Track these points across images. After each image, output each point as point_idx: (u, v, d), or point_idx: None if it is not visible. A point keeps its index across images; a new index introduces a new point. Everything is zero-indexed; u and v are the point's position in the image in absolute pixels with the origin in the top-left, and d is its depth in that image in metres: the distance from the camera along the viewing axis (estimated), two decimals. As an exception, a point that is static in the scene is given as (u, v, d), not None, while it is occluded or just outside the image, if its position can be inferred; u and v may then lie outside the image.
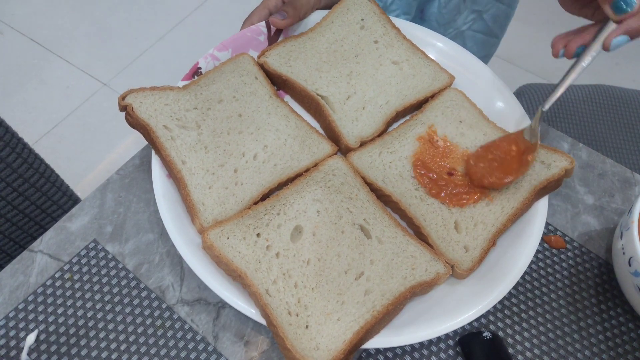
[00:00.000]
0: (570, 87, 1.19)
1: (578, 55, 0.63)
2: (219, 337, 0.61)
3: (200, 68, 0.73)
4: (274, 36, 0.78)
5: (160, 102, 0.67)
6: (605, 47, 0.60)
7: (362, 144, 0.71)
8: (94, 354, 0.60)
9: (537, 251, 0.68)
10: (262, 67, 0.74)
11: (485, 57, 1.15)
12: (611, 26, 0.60)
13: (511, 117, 0.74)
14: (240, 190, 0.65)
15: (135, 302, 0.63)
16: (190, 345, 0.60)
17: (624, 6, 0.57)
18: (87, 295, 0.63)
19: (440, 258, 0.62)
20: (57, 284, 0.64)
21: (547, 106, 0.65)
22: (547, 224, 0.71)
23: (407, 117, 0.75)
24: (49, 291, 0.63)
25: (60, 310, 0.62)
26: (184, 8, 2.30)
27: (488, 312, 0.64)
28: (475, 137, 0.71)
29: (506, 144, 0.68)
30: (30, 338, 0.60)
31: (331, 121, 0.71)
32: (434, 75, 0.77)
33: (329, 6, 0.82)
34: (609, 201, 0.73)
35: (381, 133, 0.72)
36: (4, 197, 0.85)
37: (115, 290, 0.63)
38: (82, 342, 0.60)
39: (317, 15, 0.80)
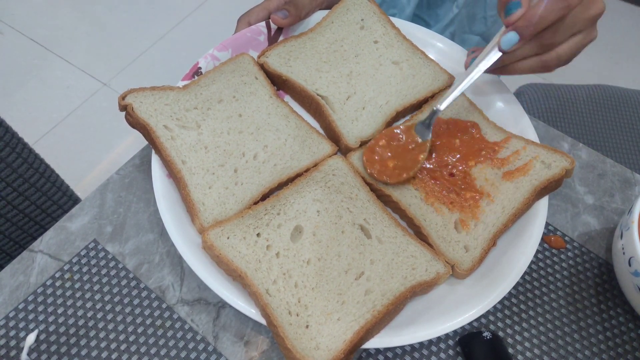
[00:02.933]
0: (570, 87, 1.19)
1: (471, 65, 0.67)
2: (219, 337, 0.61)
3: (200, 68, 0.73)
4: (274, 36, 0.78)
5: (161, 102, 0.67)
6: (499, 48, 0.63)
7: (362, 144, 0.71)
8: (94, 354, 0.60)
9: (537, 251, 0.68)
10: (262, 67, 0.74)
11: None
12: (503, 30, 0.63)
13: (511, 117, 0.74)
14: (240, 190, 0.65)
15: (135, 302, 0.63)
16: (190, 345, 0.60)
17: (513, 9, 0.61)
18: (87, 295, 0.63)
19: (441, 258, 0.62)
20: (57, 284, 0.64)
21: (442, 106, 0.67)
22: (547, 224, 0.71)
23: (407, 117, 0.75)
24: (49, 291, 0.63)
25: (60, 310, 0.62)
26: (184, 8, 2.30)
27: (488, 312, 0.64)
28: (475, 137, 0.71)
29: (409, 136, 0.69)
30: (30, 338, 0.60)
31: (331, 121, 0.71)
32: (434, 75, 0.77)
33: (329, 6, 0.82)
34: (609, 201, 0.73)
35: (381, 133, 0.72)
36: (4, 197, 0.85)
37: (115, 290, 0.63)
38: (82, 342, 0.60)
39: (317, 16, 0.80)
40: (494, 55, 0.65)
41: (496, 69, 0.67)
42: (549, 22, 0.60)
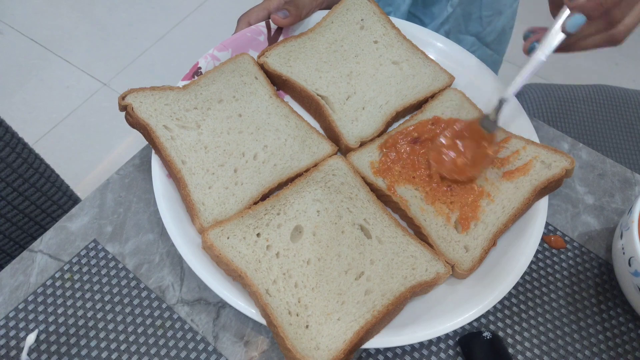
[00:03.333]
0: (570, 87, 1.19)
1: (532, 50, 0.64)
2: (219, 337, 0.61)
3: (200, 68, 0.73)
4: (274, 36, 0.78)
5: (161, 102, 0.67)
6: (563, 30, 0.61)
7: (362, 144, 0.71)
8: (94, 354, 0.60)
9: (537, 251, 0.68)
10: (262, 67, 0.74)
11: None
12: (566, 12, 0.61)
13: (511, 117, 0.74)
14: (240, 190, 0.65)
15: (135, 302, 0.63)
16: (190, 345, 0.60)
17: None
18: (87, 295, 0.63)
19: (441, 258, 0.62)
20: (57, 284, 0.64)
21: (509, 94, 0.65)
22: (547, 224, 0.71)
23: (407, 117, 0.75)
24: (49, 291, 0.63)
25: (60, 310, 0.62)
26: (184, 8, 2.30)
27: (488, 312, 0.64)
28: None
29: (473, 132, 0.67)
30: (30, 338, 0.60)
31: (331, 121, 0.71)
32: (434, 75, 0.77)
33: (329, 6, 0.82)
34: (609, 201, 0.73)
35: (381, 133, 0.72)
36: (4, 197, 0.84)
37: (115, 290, 0.63)
38: (82, 342, 0.60)
39: (317, 16, 0.80)
40: (557, 38, 0.62)
41: (560, 49, 0.64)
42: (617, 0, 0.57)
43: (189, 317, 0.62)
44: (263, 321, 0.57)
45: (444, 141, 0.67)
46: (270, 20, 0.76)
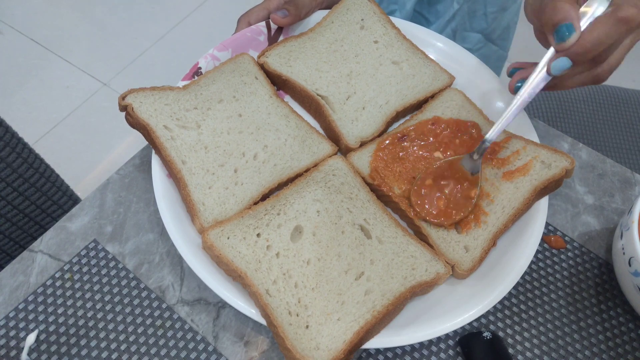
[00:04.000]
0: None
1: (518, 89, 0.63)
2: (219, 337, 0.61)
3: (200, 68, 0.73)
4: (274, 36, 0.78)
5: (161, 102, 0.67)
6: (548, 71, 0.60)
7: (362, 144, 0.71)
8: (94, 354, 0.60)
9: (537, 251, 0.68)
10: (262, 67, 0.74)
11: None
12: (551, 51, 0.60)
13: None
14: (240, 190, 0.65)
15: (135, 302, 0.63)
16: (190, 345, 0.60)
17: (567, 33, 0.56)
18: (87, 295, 0.63)
19: (441, 258, 0.62)
20: (57, 284, 0.64)
21: (491, 136, 0.64)
22: (547, 224, 0.71)
23: (407, 117, 0.75)
24: (49, 291, 0.63)
25: (60, 310, 0.62)
26: (184, 8, 2.30)
27: (488, 312, 0.64)
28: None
29: (455, 172, 0.66)
30: (30, 338, 0.60)
31: (331, 121, 0.71)
32: (434, 75, 0.77)
33: (329, 6, 0.82)
34: (609, 201, 0.73)
35: (381, 133, 0.72)
36: (4, 197, 0.84)
37: (115, 290, 0.63)
38: (82, 342, 0.60)
39: (317, 15, 0.80)
40: (543, 81, 0.61)
41: (545, 87, 0.63)
42: (606, 46, 0.56)
43: (189, 317, 0.62)
44: (263, 321, 0.57)
45: (425, 181, 0.66)
46: (270, 20, 0.76)
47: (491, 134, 0.64)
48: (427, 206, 0.65)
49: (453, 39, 1.02)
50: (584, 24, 0.57)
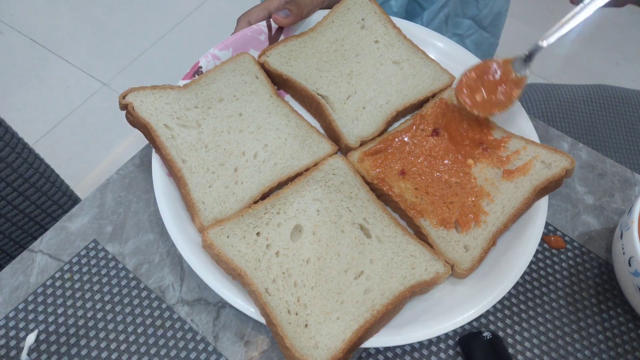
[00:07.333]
0: (570, 87, 1.19)
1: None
2: (219, 337, 0.61)
3: (201, 67, 0.73)
4: (275, 36, 0.78)
5: (161, 101, 0.67)
6: None
7: (362, 143, 0.71)
8: (94, 354, 0.59)
9: (537, 251, 0.68)
10: (263, 67, 0.74)
11: None
12: None
13: (511, 116, 0.74)
14: (240, 189, 0.65)
15: (135, 302, 0.63)
16: (190, 345, 0.60)
17: None
18: (87, 295, 0.63)
19: (440, 257, 0.62)
20: (57, 284, 0.64)
21: (545, 43, 0.62)
22: (547, 224, 0.71)
23: (408, 117, 0.75)
24: (49, 291, 0.63)
25: (60, 310, 0.62)
26: (184, 8, 2.30)
27: (488, 312, 0.64)
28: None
29: (504, 72, 0.65)
30: (30, 338, 0.60)
31: (331, 121, 0.71)
32: (434, 75, 0.77)
33: (330, 6, 0.82)
34: (609, 201, 0.73)
35: (381, 133, 0.72)
36: (4, 197, 0.84)
37: (115, 290, 0.63)
38: (82, 342, 0.60)
39: (317, 15, 0.80)
40: None
41: (609, 3, 0.60)
42: None
43: (189, 317, 0.62)
44: (262, 320, 0.57)
45: (474, 74, 0.65)
46: (271, 19, 0.76)
47: (543, 42, 0.63)
48: (466, 96, 0.64)
49: (445, 25, 1.03)
50: None
